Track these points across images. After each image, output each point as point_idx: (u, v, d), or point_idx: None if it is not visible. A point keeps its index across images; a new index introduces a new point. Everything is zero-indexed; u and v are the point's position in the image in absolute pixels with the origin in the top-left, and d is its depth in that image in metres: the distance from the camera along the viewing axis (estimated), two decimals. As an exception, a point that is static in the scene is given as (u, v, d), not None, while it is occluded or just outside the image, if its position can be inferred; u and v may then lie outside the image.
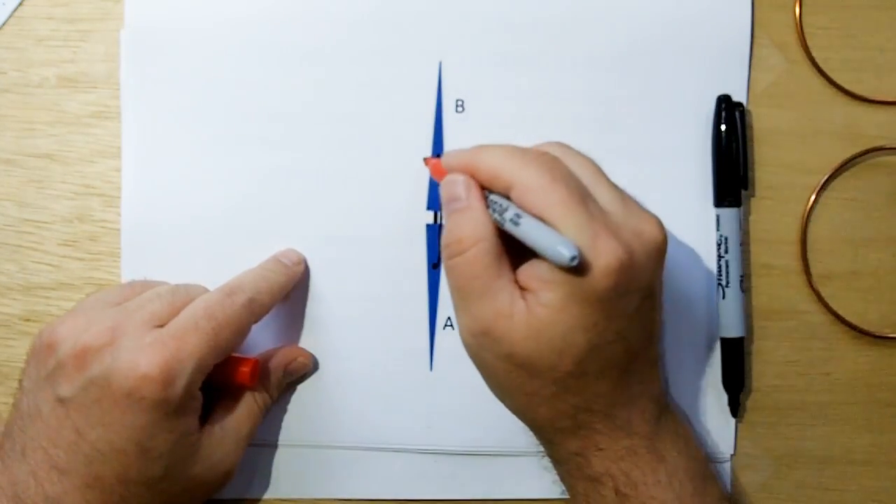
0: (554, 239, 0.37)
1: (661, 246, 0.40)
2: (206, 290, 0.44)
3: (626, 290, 0.39)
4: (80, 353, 0.40)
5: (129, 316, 0.42)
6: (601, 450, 0.41)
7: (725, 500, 0.44)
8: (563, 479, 0.44)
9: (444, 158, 0.42)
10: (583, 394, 0.40)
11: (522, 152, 0.41)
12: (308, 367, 0.48)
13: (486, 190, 0.41)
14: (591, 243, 0.38)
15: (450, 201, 0.41)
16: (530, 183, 0.39)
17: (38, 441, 0.40)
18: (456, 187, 0.41)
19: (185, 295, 0.43)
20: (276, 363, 0.47)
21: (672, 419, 0.43)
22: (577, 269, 0.37)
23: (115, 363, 0.40)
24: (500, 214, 0.39)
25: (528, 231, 0.38)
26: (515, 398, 0.41)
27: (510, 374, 0.40)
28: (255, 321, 0.44)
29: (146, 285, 0.45)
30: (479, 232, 0.39)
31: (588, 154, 0.41)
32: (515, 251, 0.40)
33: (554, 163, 0.40)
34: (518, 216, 0.39)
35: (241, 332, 0.43)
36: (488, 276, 0.39)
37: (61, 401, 0.40)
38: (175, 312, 0.42)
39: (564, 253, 0.36)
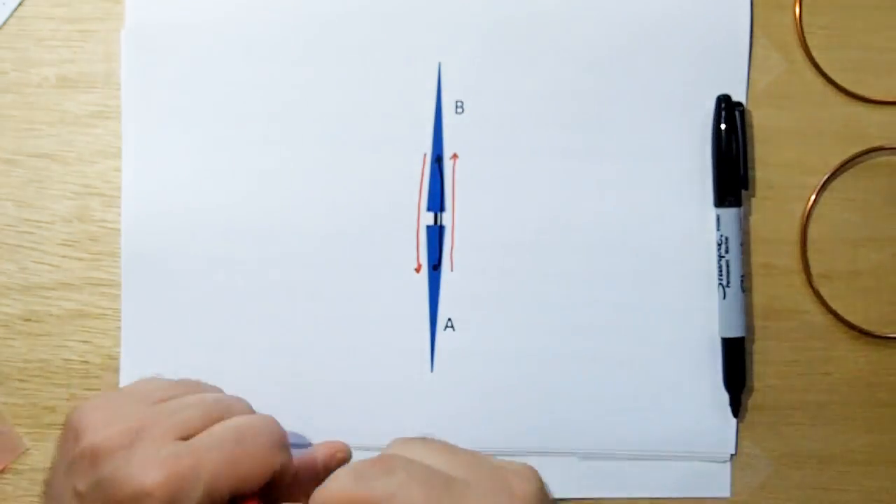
0: None
1: (536, 494, 0.39)
2: (249, 408, 0.43)
3: None
4: (96, 451, 0.39)
5: (157, 421, 0.40)
6: None
7: None
8: None
9: None
10: None
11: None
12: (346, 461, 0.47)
13: None
14: None
15: None
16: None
17: None
18: None
19: (224, 409, 0.42)
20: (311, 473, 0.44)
21: None
22: None
23: (123, 469, 0.38)
24: None
25: None
26: None
27: None
28: (288, 463, 0.42)
29: (196, 387, 0.44)
30: None
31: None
32: None
33: (399, 461, 0.38)
34: None
35: (268, 468, 0.40)
36: None
37: (78, 494, 0.39)
38: (207, 425, 0.40)
39: None
